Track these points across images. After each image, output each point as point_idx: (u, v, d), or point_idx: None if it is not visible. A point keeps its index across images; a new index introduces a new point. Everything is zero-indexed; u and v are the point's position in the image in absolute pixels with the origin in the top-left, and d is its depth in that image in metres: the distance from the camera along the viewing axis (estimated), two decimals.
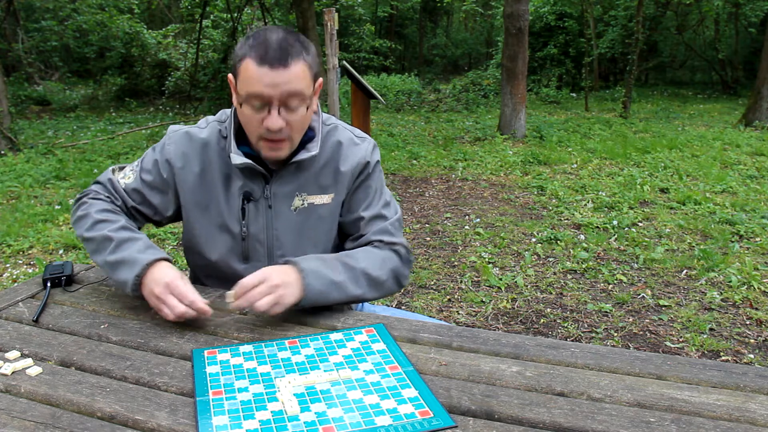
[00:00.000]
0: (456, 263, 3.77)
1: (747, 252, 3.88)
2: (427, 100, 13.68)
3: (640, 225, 4.51)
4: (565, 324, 2.97)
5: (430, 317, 1.67)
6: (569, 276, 3.57)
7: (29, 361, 1.05)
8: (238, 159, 1.30)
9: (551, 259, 3.83)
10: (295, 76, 1.21)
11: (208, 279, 1.46)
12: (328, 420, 0.89)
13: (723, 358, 2.64)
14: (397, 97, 13.88)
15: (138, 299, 1.22)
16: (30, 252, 4.05)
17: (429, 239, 4.26)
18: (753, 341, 2.78)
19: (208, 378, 1.01)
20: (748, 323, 2.95)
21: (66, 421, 0.89)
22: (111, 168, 1.44)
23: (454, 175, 6.22)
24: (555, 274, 3.60)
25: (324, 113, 1.42)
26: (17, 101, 12.18)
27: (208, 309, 1.15)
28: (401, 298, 3.25)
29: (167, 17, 18.10)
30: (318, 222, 1.40)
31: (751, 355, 2.65)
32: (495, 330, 2.83)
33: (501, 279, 3.48)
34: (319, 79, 1.30)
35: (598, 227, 4.44)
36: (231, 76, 1.28)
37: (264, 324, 1.22)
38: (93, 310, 1.28)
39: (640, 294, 3.29)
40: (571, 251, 3.94)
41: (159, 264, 1.21)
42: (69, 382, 0.99)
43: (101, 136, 8.81)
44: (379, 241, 1.37)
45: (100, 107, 12.82)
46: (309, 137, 1.36)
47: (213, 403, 0.94)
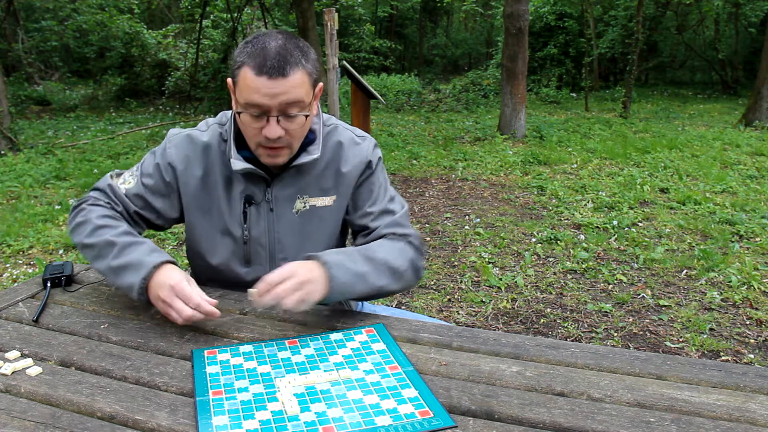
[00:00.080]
0: (456, 263, 3.77)
1: (747, 252, 3.88)
2: (427, 100, 13.68)
3: (640, 225, 4.51)
4: (565, 324, 2.97)
5: (430, 317, 1.67)
6: (569, 276, 3.57)
7: (29, 361, 1.05)
8: (238, 164, 1.29)
9: (551, 259, 3.83)
10: (294, 85, 1.19)
11: (209, 282, 1.44)
12: (328, 420, 0.89)
13: (723, 358, 2.64)
14: (397, 97, 13.88)
15: (145, 304, 1.20)
16: (30, 252, 4.05)
17: (429, 239, 4.26)
18: (753, 341, 2.78)
19: (208, 378, 1.01)
20: (748, 323, 2.95)
21: (66, 421, 0.89)
22: (109, 174, 1.41)
23: (454, 175, 6.21)
24: (555, 274, 3.60)
25: (324, 113, 1.42)
26: (17, 101, 12.17)
27: (215, 310, 1.13)
28: (401, 298, 3.25)
29: (167, 17, 18.09)
30: (320, 224, 1.39)
31: (751, 355, 2.65)
32: (495, 330, 2.83)
33: (501, 279, 3.48)
34: (320, 84, 1.29)
35: (598, 227, 4.44)
36: (230, 81, 1.26)
37: (264, 324, 1.22)
38: (93, 310, 1.28)
39: (640, 294, 3.29)
40: (571, 251, 3.94)
41: (165, 267, 1.18)
42: (69, 382, 0.99)
43: (101, 136, 8.81)
44: (392, 234, 1.35)
45: (100, 107, 12.81)
46: (310, 140, 1.35)
47: (213, 403, 0.94)
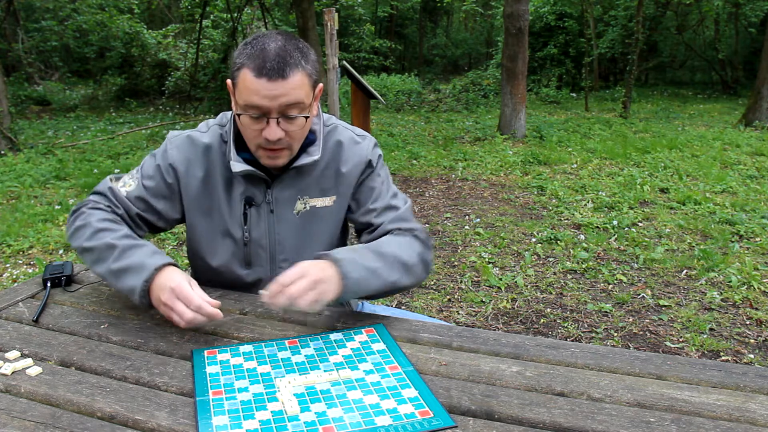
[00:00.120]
0: (456, 263, 3.77)
1: (747, 252, 3.88)
2: (427, 100, 13.67)
3: (640, 225, 4.51)
4: (565, 324, 2.97)
5: (430, 317, 1.67)
6: (569, 276, 3.57)
7: (29, 361, 1.05)
8: (238, 166, 1.29)
9: (551, 259, 3.83)
10: (294, 86, 1.19)
11: (210, 283, 1.43)
12: (328, 420, 0.89)
13: (723, 358, 2.64)
14: (397, 97, 13.88)
15: (147, 307, 1.18)
16: (30, 252, 4.05)
17: None
18: (753, 341, 2.78)
19: (208, 378, 1.01)
20: (748, 323, 2.95)
21: (66, 421, 0.89)
22: (108, 177, 1.39)
23: (454, 175, 6.21)
24: (555, 274, 3.60)
25: (324, 113, 1.41)
26: (17, 101, 12.17)
27: (217, 312, 1.10)
28: (401, 297, 3.25)
29: (167, 17, 18.09)
30: (320, 225, 1.39)
31: (751, 355, 2.65)
32: (495, 330, 2.83)
33: (501, 279, 3.48)
34: (320, 85, 1.29)
35: (598, 227, 4.44)
36: (230, 82, 1.26)
37: (264, 324, 1.22)
38: (93, 310, 1.28)
39: (640, 294, 3.29)
40: (571, 251, 3.93)
41: (166, 269, 1.16)
42: (69, 382, 0.99)
43: (101, 136, 8.81)
44: (397, 229, 1.34)
45: (100, 107, 12.81)
46: (310, 140, 1.35)
47: (213, 403, 0.94)
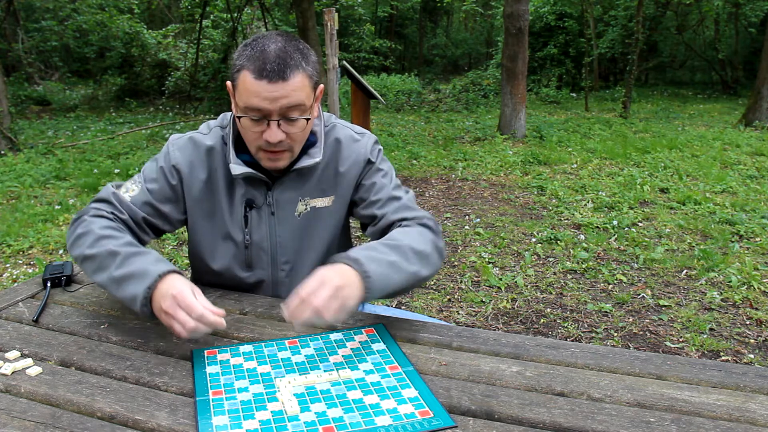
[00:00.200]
0: (456, 263, 3.77)
1: (747, 252, 3.88)
2: (427, 100, 13.67)
3: (640, 225, 4.51)
4: (565, 324, 2.97)
5: (430, 317, 1.67)
6: (569, 276, 3.57)
7: (29, 361, 1.05)
8: (238, 169, 1.28)
9: (551, 259, 3.83)
10: (295, 88, 1.18)
11: (211, 285, 1.43)
12: (328, 420, 0.89)
13: (723, 358, 2.64)
14: (397, 97, 13.88)
15: (149, 316, 1.12)
16: (30, 252, 4.05)
17: None
18: (753, 341, 2.78)
19: (208, 378, 1.01)
20: (748, 323, 2.95)
21: (66, 421, 0.89)
22: (109, 184, 1.36)
23: (454, 175, 6.21)
24: (555, 274, 3.60)
25: (324, 112, 1.41)
26: (17, 101, 12.17)
27: (220, 321, 1.05)
28: (401, 297, 3.25)
29: (167, 17, 18.09)
30: (320, 225, 1.38)
31: (751, 355, 2.65)
32: (495, 330, 2.83)
33: (501, 279, 3.48)
34: (320, 86, 1.28)
35: (598, 227, 4.44)
36: (230, 84, 1.25)
37: (264, 324, 1.22)
38: (93, 310, 1.28)
39: (640, 294, 3.29)
40: (571, 251, 3.93)
41: (170, 276, 1.11)
42: (69, 382, 0.99)
43: (101, 136, 8.81)
44: (402, 219, 1.32)
45: (100, 107, 12.81)
46: (311, 142, 1.34)
47: (213, 403, 0.94)
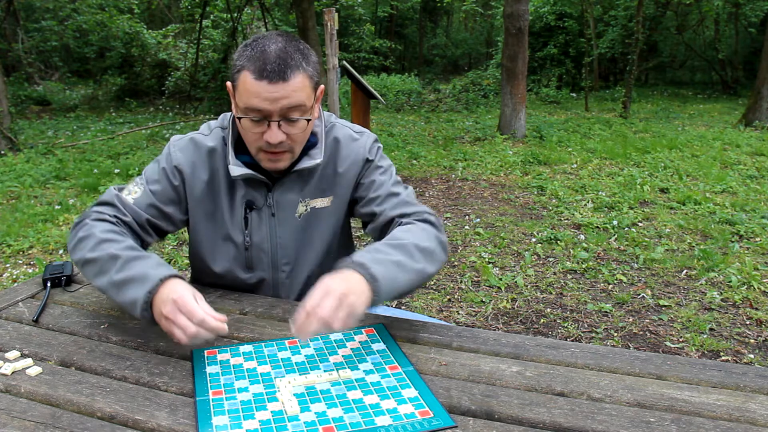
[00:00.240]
0: (456, 263, 3.77)
1: (747, 252, 3.88)
2: (427, 100, 13.67)
3: (640, 225, 4.51)
4: (565, 324, 2.97)
5: (430, 317, 1.67)
6: (569, 276, 3.57)
7: (29, 361, 1.05)
8: (237, 170, 1.27)
9: (551, 259, 3.83)
10: (295, 89, 1.17)
11: (212, 286, 1.42)
12: (328, 420, 0.89)
13: (723, 358, 2.64)
14: (397, 97, 13.88)
15: (149, 322, 1.10)
16: (30, 252, 4.05)
17: None
18: (753, 341, 2.78)
19: (208, 378, 1.01)
20: (748, 323, 2.95)
21: (66, 421, 0.89)
22: (112, 187, 1.34)
23: (454, 175, 6.21)
24: (555, 274, 3.60)
25: (324, 112, 1.40)
26: (17, 101, 12.17)
27: (222, 326, 1.03)
28: (401, 297, 3.25)
29: (167, 17, 18.09)
30: (320, 225, 1.38)
31: (751, 355, 2.65)
32: (495, 330, 2.83)
33: (501, 279, 3.48)
34: (321, 86, 1.28)
35: (598, 227, 4.44)
36: (230, 85, 1.24)
37: (264, 324, 1.22)
38: (93, 310, 1.28)
39: (640, 294, 3.29)
40: (571, 251, 3.93)
41: (171, 281, 1.09)
42: (69, 382, 0.99)
43: (101, 136, 8.81)
44: (401, 215, 1.31)
45: (100, 107, 12.81)
46: (312, 143, 1.33)
47: (213, 403, 0.94)
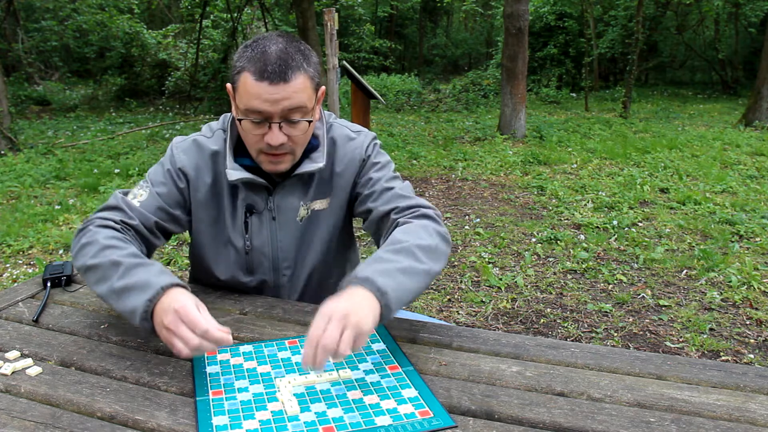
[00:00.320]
0: (456, 263, 3.77)
1: (747, 252, 3.88)
2: (427, 100, 13.67)
3: (640, 225, 4.51)
4: (565, 324, 2.97)
5: (430, 317, 1.67)
6: (569, 276, 3.57)
7: (29, 361, 1.05)
8: (235, 174, 1.25)
9: (551, 259, 3.83)
10: (296, 90, 1.16)
11: (212, 287, 1.41)
12: (328, 420, 0.89)
13: (723, 358, 2.64)
14: (397, 97, 13.88)
15: (149, 332, 1.06)
16: (30, 252, 4.05)
17: None
18: (753, 341, 2.78)
19: (208, 378, 1.01)
20: (748, 323, 2.95)
21: (66, 421, 0.89)
22: (117, 191, 1.31)
23: (454, 175, 6.21)
24: (555, 274, 3.60)
25: (324, 111, 1.39)
26: (17, 101, 12.17)
27: (227, 337, 0.98)
28: None
29: (167, 17, 18.09)
30: (320, 227, 1.36)
31: (751, 355, 2.65)
32: (495, 330, 2.83)
33: (501, 279, 3.48)
34: (322, 88, 1.26)
35: (598, 227, 4.44)
36: (230, 86, 1.22)
37: (264, 324, 1.22)
38: (93, 310, 1.28)
39: (640, 294, 3.29)
40: (571, 251, 3.93)
41: (173, 290, 1.05)
42: (69, 382, 0.99)
43: (101, 136, 8.81)
44: (395, 209, 1.28)
45: (100, 107, 12.81)
46: (313, 146, 1.32)
47: (213, 403, 0.94)
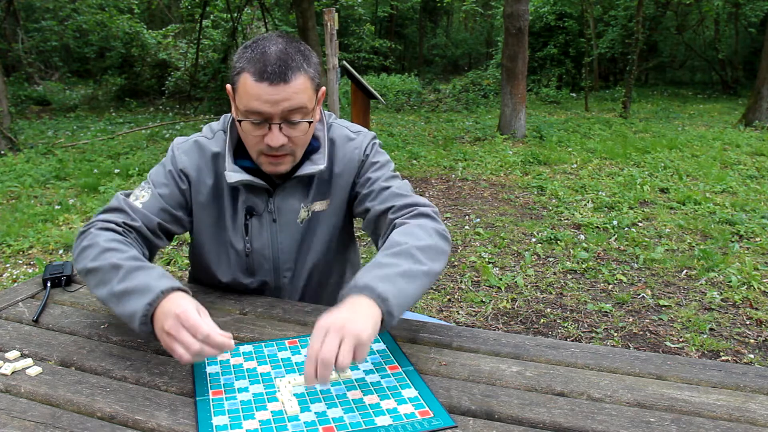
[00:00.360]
0: (456, 263, 3.77)
1: (747, 252, 3.88)
2: (427, 100, 13.67)
3: (640, 225, 4.51)
4: (565, 324, 2.97)
5: (430, 317, 1.66)
6: (569, 276, 3.57)
7: (29, 361, 1.05)
8: (233, 176, 1.24)
9: (551, 259, 3.83)
10: (296, 90, 1.15)
11: (212, 288, 1.40)
12: (328, 420, 0.89)
13: (723, 358, 2.64)
14: (397, 97, 13.88)
15: (149, 336, 1.05)
16: (30, 252, 4.05)
17: None
18: (753, 341, 2.78)
19: (208, 378, 1.01)
20: (748, 323, 2.95)
21: (66, 421, 0.89)
22: (119, 193, 1.30)
23: (454, 175, 6.21)
24: (555, 274, 3.59)
25: (324, 112, 1.38)
26: (17, 101, 12.17)
27: (229, 342, 0.97)
28: None
29: (167, 17, 18.09)
30: (320, 228, 1.36)
31: (751, 355, 2.65)
32: (495, 330, 2.83)
33: (501, 279, 3.48)
34: (322, 88, 1.25)
35: (598, 227, 4.44)
36: (229, 87, 1.22)
37: (264, 324, 1.22)
38: (93, 310, 1.28)
39: (640, 294, 3.29)
40: (571, 251, 3.93)
41: (174, 294, 1.03)
42: (69, 382, 0.99)
43: (101, 136, 8.81)
44: (392, 208, 1.26)
45: (100, 107, 12.81)
46: (314, 148, 1.31)
47: (213, 403, 0.94)
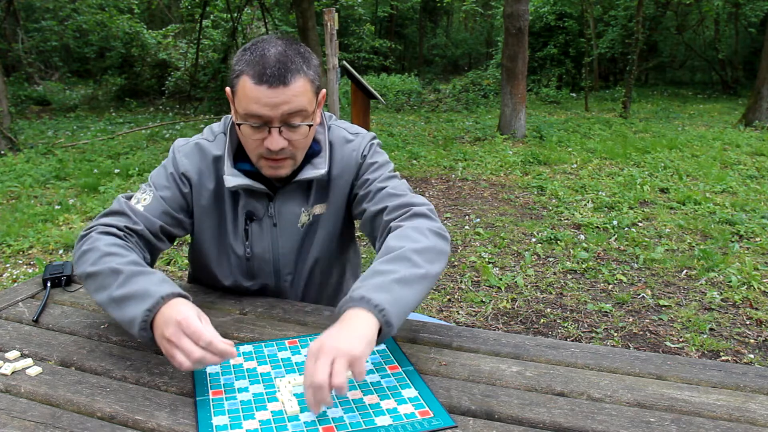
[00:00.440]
0: (456, 263, 3.77)
1: (747, 252, 3.88)
2: (427, 100, 13.67)
3: (640, 225, 4.51)
4: (565, 324, 2.97)
5: (430, 317, 1.66)
6: (569, 276, 3.57)
7: (29, 361, 1.05)
8: (232, 181, 1.23)
9: (551, 259, 3.83)
10: (296, 93, 1.14)
11: (213, 289, 1.40)
12: (328, 420, 0.89)
13: (723, 358, 2.64)
14: (397, 97, 13.88)
15: (149, 342, 1.03)
16: (30, 252, 4.05)
17: None
18: (753, 341, 2.78)
19: (208, 378, 1.01)
20: (748, 323, 2.95)
21: (66, 421, 0.89)
22: (120, 196, 1.29)
23: (454, 175, 6.21)
24: (555, 274, 3.60)
25: (324, 113, 1.37)
26: (17, 101, 12.17)
27: (231, 350, 0.95)
28: None
29: (167, 17, 18.09)
30: (320, 231, 1.35)
31: (751, 355, 2.65)
32: (495, 330, 2.83)
33: (501, 279, 3.48)
34: (323, 91, 1.24)
35: (598, 227, 4.44)
36: (229, 90, 1.20)
37: (264, 324, 1.22)
38: (93, 310, 1.28)
39: (640, 294, 3.29)
40: (571, 251, 3.93)
41: (175, 300, 1.02)
42: (69, 382, 0.99)
43: (101, 136, 8.81)
44: (386, 209, 1.24)
45: (100, 107, 12.81)
46: (315, 151, 1.29)
47: (213, 403, 0.94)
